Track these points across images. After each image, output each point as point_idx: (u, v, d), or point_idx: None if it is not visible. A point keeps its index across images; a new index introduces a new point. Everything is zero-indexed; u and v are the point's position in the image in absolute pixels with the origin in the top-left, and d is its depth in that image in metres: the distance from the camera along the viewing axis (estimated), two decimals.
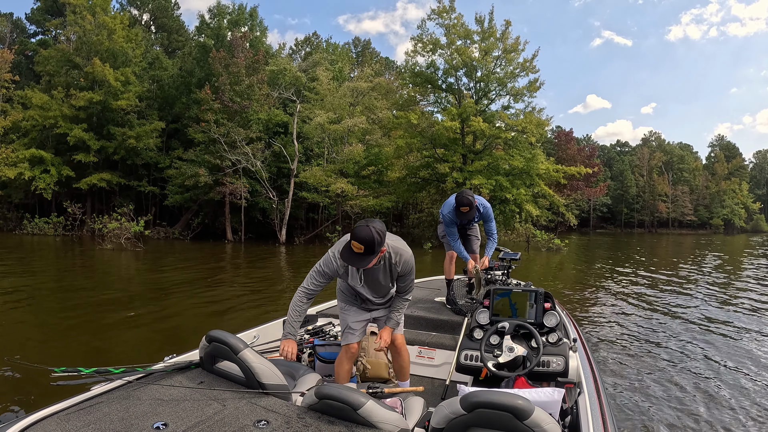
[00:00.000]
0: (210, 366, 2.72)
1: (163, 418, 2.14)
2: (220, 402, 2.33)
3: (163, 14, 48.52)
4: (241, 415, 2.21)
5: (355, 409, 2.14)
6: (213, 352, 2.67)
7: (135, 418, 2.13)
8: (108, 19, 33.41)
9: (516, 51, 28.20)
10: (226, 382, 2.59)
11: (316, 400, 2.25)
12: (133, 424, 2.07)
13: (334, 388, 2.26)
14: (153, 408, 2.23)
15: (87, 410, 2.19)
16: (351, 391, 2.21)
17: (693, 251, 32.00)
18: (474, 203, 4.91)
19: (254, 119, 32.53)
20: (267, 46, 40.06)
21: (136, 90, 33.97)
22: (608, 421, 2.61)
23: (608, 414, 2.71)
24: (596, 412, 2.63)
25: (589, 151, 53.20)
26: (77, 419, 2.11)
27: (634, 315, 10.12)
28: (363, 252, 2.90)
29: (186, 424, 2.10)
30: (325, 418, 2.19)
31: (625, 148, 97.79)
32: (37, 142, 33.63)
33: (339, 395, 2.18)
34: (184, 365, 2.79)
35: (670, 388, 5.80)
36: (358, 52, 58.40)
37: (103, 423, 2.07)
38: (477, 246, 5.64)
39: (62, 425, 2.06)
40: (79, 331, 7.76)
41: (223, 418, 2.16)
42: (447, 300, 5.35)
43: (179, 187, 32.95)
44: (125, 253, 21.66)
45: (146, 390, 2.42)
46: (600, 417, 2.59)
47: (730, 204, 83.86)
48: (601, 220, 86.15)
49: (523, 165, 27.57)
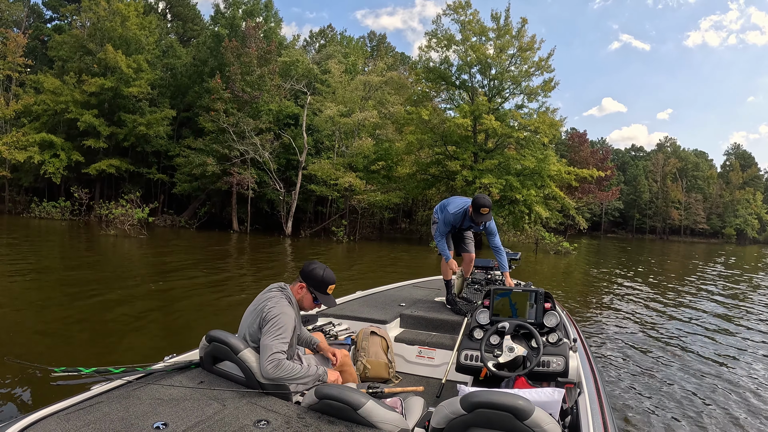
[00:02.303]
0: (210, 366, 2.74)
1: (163, 417, 2.14)
2: (220, 402, 2.34)
3: (179, 3, 48.64)
4: (241, 415, 2.22)
5: (355, 409, 2.16)
6: (213, 352, 2.70)
7: (135, 417, 2.13)
8: (122, 6, 33.45)
9: (531, 49, 27.81)
10: (226, 382, 2.61)
11: (316, 400, 2.26)
12: (133, 424, 2.08)
13: (334, 388, 2.27)
14: (153, 408, 2.24)
15: (87, 410, 2.19)
16: (351, 391, 2.23)
17: (704, 260, 31.47)
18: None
19: (265, 110, 32.38)
20: (281, 37, 39.89)
21: (148, 77, 33.98)
22: (608, 421, 2.60)
23: (608, 414, 2.70)
24: (596, 412, 2.62)
25: (602, 154, 52.52)
26: (77, 419, 2.11)
27: (638, 319, 9.99)
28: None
29: (186, 423, 2.10)
30: (325, 418, 2.20)
31: (640, 153, 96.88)
32: (48, 126, 33.82)
33: (339, 395, 2.20)
34: (184, 365, 2.81)
35: (671, 389, 5.76)
36: (373, 46, 58.10)
37: (103, 423, 2.08)
38: (473, 246, 5.46)
39: (62, 425, 2.05)
40: (67, 328, 7.58)
41: (223, 418, 2.17)
42: (447, 300, 5.22)
43: (188, 175, 33.04)
44: (128, 239, 21.55)
45: (146, 390, 2.43)
46: (600, 417, 2.58)
47: (743, 214, 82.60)
48: (613, 225, 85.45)
49: (535, 165, 27.19)
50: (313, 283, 2.95)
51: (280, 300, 2.82)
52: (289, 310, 2.79)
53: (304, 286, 2.97)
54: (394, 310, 4.90)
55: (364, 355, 4.01)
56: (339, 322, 4.48)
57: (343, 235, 29.15)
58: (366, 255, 22.20)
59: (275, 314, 2.72)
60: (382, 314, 4.68)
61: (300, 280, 2.99)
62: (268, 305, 2.77)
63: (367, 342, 4.04)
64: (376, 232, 36.39)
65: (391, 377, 4.08)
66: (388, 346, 4.17)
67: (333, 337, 4.24)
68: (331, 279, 2.98)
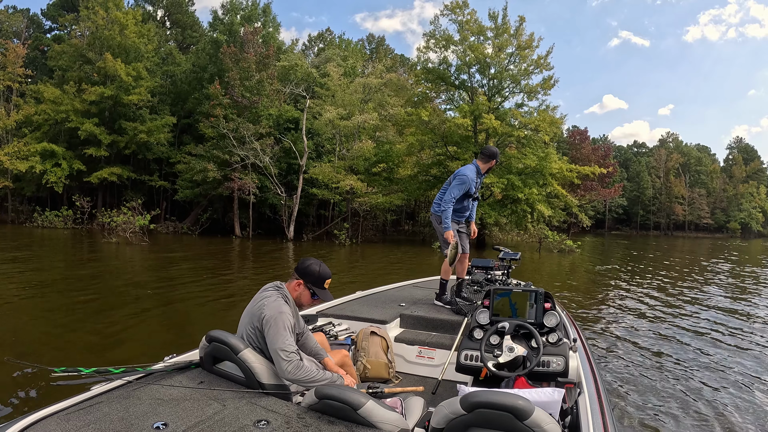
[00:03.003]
0: (210, 366, 2.74)
1: (163, 418, 2.13)
2: (220, 402, 2.34)
3: (178, 10, 48.72)
4: (241, 415, 2.21)
5: (355, 409, 2.15)
6: (213, 352, 2.69)
7: (135, 418, 2.13)
8: (120, 15, 33.55)
9: (530, 48, 27.72)
10: (226, 382, 2.60)
11: (316, 400, 2.25)
12: (133, 424, 2.07)
13: (334, 388, 2.26)
14: (153, 408, 2.23)
15: (87, 410, 2.18)
16: (351, 391, 2.22)
17: (709, 256, 31.30)
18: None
19: (264, 115, 32.39)
20: (280, 42, 39.93)
21: (147, 85, 34.07)
22: (608, 421, 2.58)
23: (608, 414, 2.69)
24: (596, 412, 2.61)
25: (603, 150, 52.34)
26: (77, 419, 2.10)
27: (641, 317, 9.89)
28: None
29: (186, 424, 2.10)
30: (325, 418, 2.19)
31: (642, 149, 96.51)
32: (50, 136, 33.94)
33: (339, 395, 2.19)
34: (184, 365, 2.80)
35: (671, 389, 5.73)
36: (372, 48, 58.10)
37: (103, 423, 2.07)
38: (468, 245, 5.50)
39: (62, 425, 2.05)
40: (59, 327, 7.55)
41: (223, 418, 2.16)
42: (439, 297, 5.26)
43: (189, 182, 33.09)
44: (130, 247, 21.55)
45: (146, 390, 2.43)
46: (600, 417, 2.57)
47: (747, 208, 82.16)
48: (617, 222, 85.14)
49: (536, 164, 27.08)
50: (310, 279, 2.96)
51: (276, 300, 2.81)
52: (286, 308, 2.79)
53: (301, 282, 2.96)
54: (394, 310, 4.88)
55: (364, 355, 4.00)
56: (339, 322, 4.48)
57: (346, 238, 29.11)
58: (368, 257, 22.15)
59: (274, 316, 2.71)
60: (382, 314, 4.66)
61: (296, 277, 2.98)
62: (264, 307, 2.76)
63: (367, 342, 4.04)
64: (379, 234, 36.35)
65: (391, 377, 4.06)
66: (388, 346, 4.16)
67: (333, 337, 4.22)
68: (327, 274, 3.01)
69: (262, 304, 2.79)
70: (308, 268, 2.96)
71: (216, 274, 14.64)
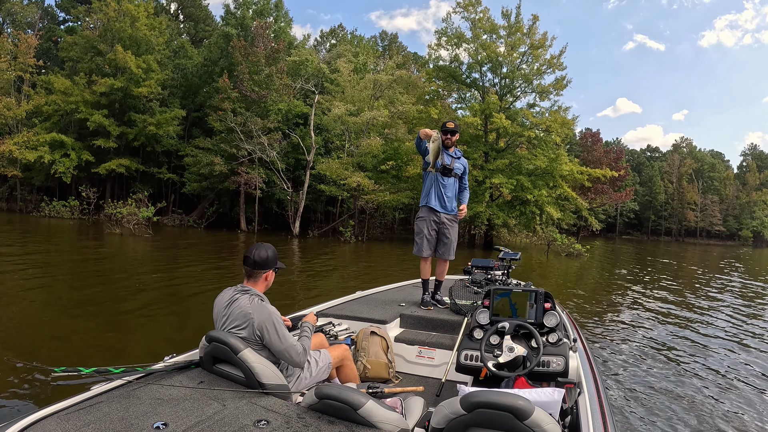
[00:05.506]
0: (210, 366, 2.74)
1: (163, 417, 2.13)
2: (220, 402, 2.34)
3: (191, 4, 48.79)
4: (241, 415, 2.21)
5: (355, 409, 2.14)
6: (213, 352, 2.70)
7: (135, 417, 2.12)
8: (131, 7, 33.57)
9: (543, 47, 27.39)
10: (226, 382, 2.62)
11: (316, 400, 2.25)
12: (133, 424, 2.06)
13: (334, 388, 2.26)
14: (153, 408, 2.23)
15: (87, 410, 2.18)
16: (351, 391, 2.22)
17: (721, 265, 30.85)
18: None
19: (273, 109, 32.25)
20: (291, 37, 39.78)
21: (158, 77, 34.08)
22: (608, 421, 2.59)
23: (608, 414, 2.69)
24: (596, 412, 2.62)
25: (615, 153, 51.66)
26: (77, 419, 2.10)
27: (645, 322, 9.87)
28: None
29: (186, 423, 2.09)
30: (325, 418, 2.19)
31: (655, 153, 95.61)
32: (59, 126, 34.06)
33: (339, 395, 2.19)
34: (184, 365, 2.81)
35: (672, 389, 5.75)
36: (384, 45, 57.83)
37: (103, 423, 2.07)
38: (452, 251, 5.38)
39: (62, 425, 2.05)
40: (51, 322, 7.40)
41: (223, 418, 2.16)
42: (422, 301, 5.26)
43: (197, 175, 33.10)
44: (133, 238, 21.47)
45: (146, 390, 2.43)
46: (600, 417, 2.58)
47: (760, 216, 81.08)
48: (628, 226, 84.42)
49: (546, 165, 26.73)
50: (273, 263, 3.08)
51: (258, 303, 2.86)
52: (269, 307, 2.88)
53: (270, 271, 3.08)
54: (394, 310, 4.89)
55: (364, 355, 4.03)
56: (339, 322, 4.48)
57: (351, 236, 28.87)
58: (371, 255, 21.93)
59: (265, 318, 2.79)
60: (382, 314, 4.67)
61: (262, 270, 3.04)
62: (250, 314, 2.80)
63: (367, 342, 4.07)
64: (386, 232, 36.10)
65: (391, 377, 4.10)
66: (388, 346, 4.18)
67: (333, 337, 4.25)
68: (273, 249, 3.14)
69: (247, 313, 2.81)
70: (266, 257, 3.03)
71: (221, 268, 14.49)
